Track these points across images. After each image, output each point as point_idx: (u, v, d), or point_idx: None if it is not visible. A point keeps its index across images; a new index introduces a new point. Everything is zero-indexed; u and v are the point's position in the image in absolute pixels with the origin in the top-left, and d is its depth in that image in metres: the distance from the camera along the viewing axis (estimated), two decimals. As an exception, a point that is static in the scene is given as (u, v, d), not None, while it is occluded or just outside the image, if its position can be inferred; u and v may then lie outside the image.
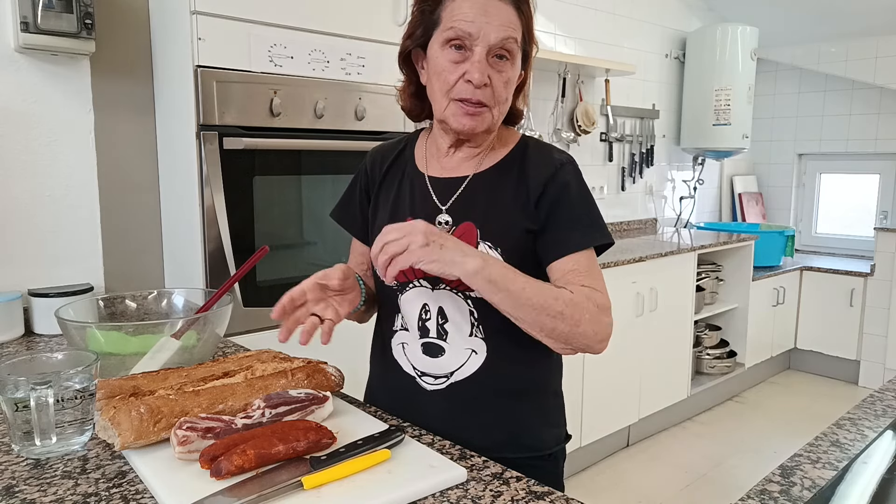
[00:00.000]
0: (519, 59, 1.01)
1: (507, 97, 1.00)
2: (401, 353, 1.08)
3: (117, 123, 1.86)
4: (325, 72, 1.89)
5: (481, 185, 1.04)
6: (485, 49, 0.96)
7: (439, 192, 1.06)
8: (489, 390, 1.03)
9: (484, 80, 0.96)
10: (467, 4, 0.96)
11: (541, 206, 1.01)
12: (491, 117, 1.00)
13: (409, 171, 1.11)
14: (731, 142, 4.01)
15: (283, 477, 0.78)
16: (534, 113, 3.29)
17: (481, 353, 1.02)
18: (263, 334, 1.79)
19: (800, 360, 4.29)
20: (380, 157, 1.16)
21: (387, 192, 1.12)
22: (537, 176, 1.02)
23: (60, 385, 0.88)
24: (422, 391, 1.05)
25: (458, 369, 1.03)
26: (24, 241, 1.67)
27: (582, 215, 1.01)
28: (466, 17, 0.95)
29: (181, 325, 1.15)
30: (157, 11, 1.86)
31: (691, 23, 4.22)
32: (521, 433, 1.05)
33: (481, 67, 0.96)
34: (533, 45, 1.04)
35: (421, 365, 1.05)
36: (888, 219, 4.29)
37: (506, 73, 0.98)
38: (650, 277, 2.99)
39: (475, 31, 0.95)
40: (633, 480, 2.83)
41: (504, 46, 0.96)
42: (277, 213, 1.86)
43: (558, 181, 1.01)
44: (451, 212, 1.04)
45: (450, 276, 0.90)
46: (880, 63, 4.04)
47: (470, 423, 1.02)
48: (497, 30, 0.95)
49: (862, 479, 0.86)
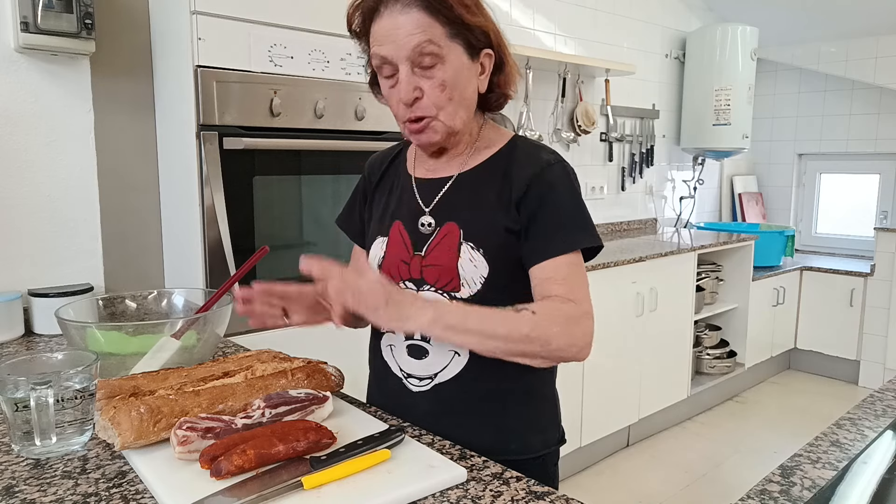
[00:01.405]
0: (456, 53, 0.96)
1: (450, 97, 0.96)
2: (389, 355, 1.08)
3: (117, 123, 1.86)
4: (325, 72, 1.89)
5: (464, 185, 1.04)
6: (407, 65, 0.94)
7: (423, 193, 1.06)
8: (473, 392, 1.02)
9: (412, 94, 0.95)
10: (376, 29, 0.95)
11: (522, 207, 0.99)
12: (441, 124, 0.98)
13: (401, 174, 1.12)
14: (731, 142, 4.01)
15: (283, 477, 0.78)
16: (534, 113, 3.29)
17: (464, 354, 1.01)
18: (263, 334, 1.79)
19: (800, 360, 4.29)
20: (377, 163, 1.17)
21: (380, 196, 1.13)
22: (521, 175, 1.00)
23: (60, 385, 0.88)
24: (409, 392, 1.05)
25: (441, 371, 1.03)
26: (24, 241, 1.67)
27: (567, 218, 0.98)
28: (378, 42, 0.95)
29: (181, 325, 1.15)
30: (157, 11, 1.86)
31: (691, 23, 4.22)
32: (507, 436, 1.04)
33: (405, 85, 0.94)
34: (474, 27, 0.96)
35: (406, 366, 1.06)
36: (888, 219, 4.29)
37: (437, 76, 0.95)
38: (650, 277, 2.99)
39: (388, 53, 0.94)
40: (633, 480, 2.83)
41: (422, 52, 0.93)
42: (277, 213, 1.86)
43: (543, 181, 0.98)
44: (434, 213, 1.04)
45: (409, 332, 0.95)
46: (880, 63, 4.04)
47: (454, 424, 1.01)
48: (406, 41, 0.92)
49: (862, 479, 0.86)
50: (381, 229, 1.10)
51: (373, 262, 1.09)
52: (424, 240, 1.04)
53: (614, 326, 2.84)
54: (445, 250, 1.01)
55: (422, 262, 1.03)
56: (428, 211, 1.04)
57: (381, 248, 1.08)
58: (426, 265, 1.02)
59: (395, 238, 1.07)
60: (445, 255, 1.01)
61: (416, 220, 1.05)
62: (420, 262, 1.03)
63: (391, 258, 1.06)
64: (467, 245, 1.00)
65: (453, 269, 1.00)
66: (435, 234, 1.03)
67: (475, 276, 0.99)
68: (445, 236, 1.01)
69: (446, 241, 1.00)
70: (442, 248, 1.01)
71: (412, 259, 1.04)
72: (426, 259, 1.03)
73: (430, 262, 1.02)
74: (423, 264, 1.03)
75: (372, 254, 1.10)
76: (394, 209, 1.09)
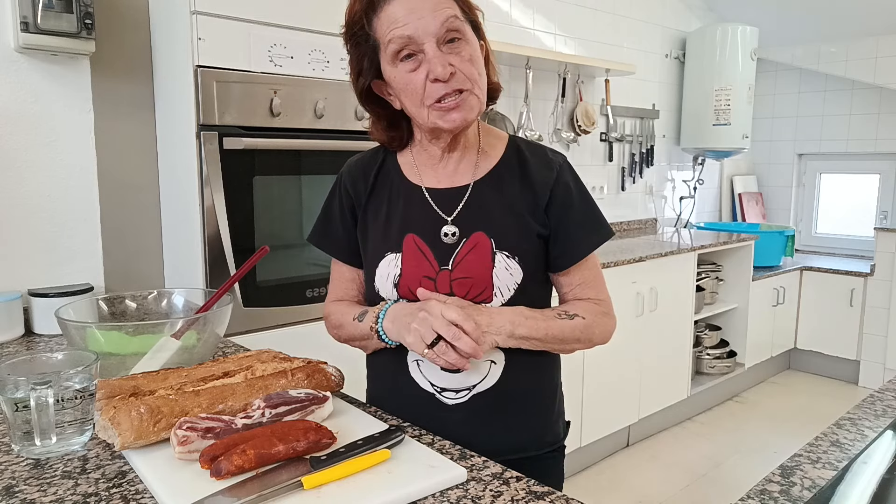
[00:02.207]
0: (471, 32, 0.95)
1: (479, 72, 0.96)
2: (416, 371, 1.04)
3: (117, 123, 1.86)
4: (325, 72, 1.89)
5: (484, 192, 1.02)
6: (433, 42, 0.91)
7: (441, 203, 1.03)
8: (509, 396, 1.03)
9: (448, 70, 0.91)
10: (393, 10, 0.92)
11: (550, 212, 1.02)
12: (477, 99, 0.96)
13: (399, 184, 1.06)
14: (731, 142, 4.01)
15: (283, 477, 0.78)
16: (534, 113, 3.29)
17: (500, 362, 1.02)
18: (263, 334, 1.79)
19: (800, 360, 4.29)
20: (360, 173, 1.09)
21: (375, 208, 1.07)
22: (542, 180, 1.02)
23: (60, 385, 0.88)
24: (443, 406, 1.03)
25: (480, 381, 1.02)
26: (24, 241, 1.67)
27: (587, 216, 1.04)
28: (399, 23, 0.91)
29: (181, 325, 1.15)
30: (157, 11, 1.86)
31: (691, 23, 4.22)
32: (543, 430, 1.09)
33: (440, 60, 0.91)
34: (475, 11, 0.98)
35: (440, 381, 1.02)
36: (888, 219, 4.29)
37: (465, 51, 0.93)
38: (650, 277, 2.99)
39: (413, 32, 0.90)
40: (633, 480, 2.83)
41: (449, 28, 0.91)
42: (277, 213, 1.86)
43: (561, 184, 1.03)
44: (457, 223, 1.01)
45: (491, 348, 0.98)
46: (880, 63, 4.04)
47: (494, 429, 1.03)
48: (433, 17, 0.90)
49: (862, 479, 0.86)
50: (390, 245, 1.03)
51: (385, 282, 1.03)
52: (449, 251, 1.00)
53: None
54: (477, 261, 0.99)
55: (451, 275, 0.99)
56: (450, 220, 1.02)
57: (396, 266, 1.02)
58: (455, 278, 0.99)
59: (413, 252, 1.01)
60: (478, 266, 0.99)
61: (436, 231, 1.01)
62: (448, 277, 1.00)
63: (410, 274, 1.01)
64: (502, 254, 0.99)
65: (487, 279, 0.98)
66: (461, 246, 1.00)
67: (509, 284, 0.99)
68: (475, 247, 0.99)
69: (476, 251, 0.99)
70: (472, 260, 0.99)
71: (438, 274, 1.00)
72: (455, 272, 0.99)
73: (461, 275, 0.99)
74: (452, 278, 0.99)
75: (382, 272, 1.03)
76: (402, 222, 1.03)
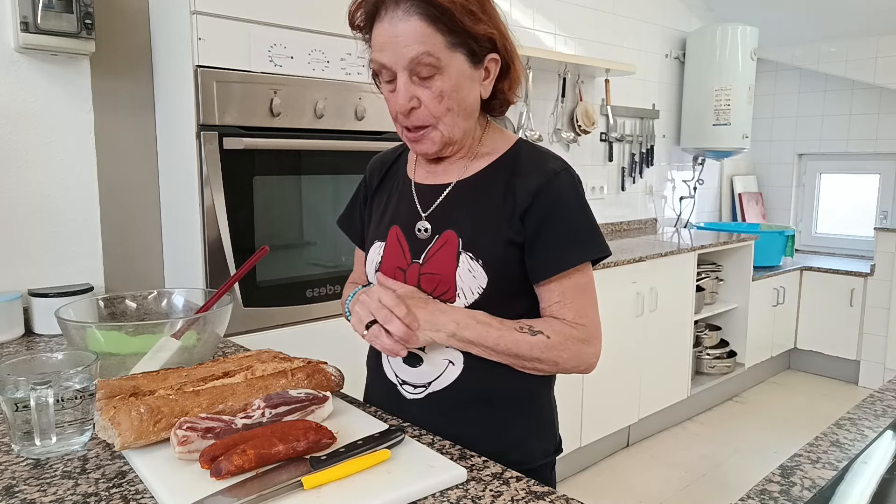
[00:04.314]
0: (457, 62, 0.93)
1: (448, 108, 0.94)
2: (385, 361, 1.08)
3: (117, 123, 1.86)
4: (325, 72, 1.89)
5: (464, 192, 1.02)
6: (404, 73, 0.92)
7: (422, 198, 1.05)
8: (468, 401, 1.00)
9: (409, 104, 0.93)
10: (378, 33, 0.93)
11: (527, 220, 0.96)
12: (439, 134, 0.97)
13: (401, 177, 1.11)
14: (731, 142, 4.01)
15: (283, 477, 0.78)
16: (534, 113, 3.29)
17: (458, 363, 1.00)
18: (263, 334, 1.79)
19: (800, 360, 4.29)
20: (378, 165, 1.16)
21: (380, 199, 1.12)
22: (527, 185, 0.97)
23: (60, 385, 0.88)
24: (404, 399, 1.05)
25: (435, 379, 1.01)
26: (24, 241, 1.67)
27: (575, 230, 0.96)
28: (378, 48, 0.93)
29: (181, 325, 1.15)
30: (157, 11, 1.86)
31: (691, 23, 4.22)
32: (506, 446, 1.00)
33: (402, 94, 0.93)
34: (478, 36, 0.93)
35: (402, 374, 1.05)
36: (888, 219, 4.29)
37: (435, 86, 0.92)
38: (650, 277, 2.99)
39: (387, 60, 0.92)
40: (633, 480, 2.83)
41: (420, 62, 0.90)
42: (277, 213, 1.86)
43: (550, 192, 0.96)
44: (431, 219, 1.02)
45: (426, 343, 0.96)
46: (880, 63, 4.04)
47: (452, 431, 0.97)
48: (405, 51, 0.90)
49: (862, 479, 0.86)
50: (379, 234, 1.08)
51: (370, 268, 1.08)
52: (422, 246, 1.02)
53: (614, 327, 2.84)
54: (444, 259, 0.99)
55: (420, 269, 1.01)
56: (425, 217, 1.03)
57: (379, 254, 1.06)
58: (424, 273, 1.00)
59: (393, 243, 1.05)
60: (444, 264, 0.98)
61: (413, 225, 1.03)
62: (418, 270, 1.01)
63: (388, 264, 1.05)
64: (466, 255, 0.97)
65: (451, 278, 0.97)
66: (433, 242, 1.01)
67: (472, 287, 0.97)
68: (444, 244, 0.99)
69: (445, 249, 0.98)
70: (441, 257, 0.99)
71: (409, 267, 1.02)
72: (424, 267, 1.01)
73: (429, 271, 1.00)
74: (420, 272, 1.01)
75: (369, 258, 1.09)
76: (392, 213, 1.07)
